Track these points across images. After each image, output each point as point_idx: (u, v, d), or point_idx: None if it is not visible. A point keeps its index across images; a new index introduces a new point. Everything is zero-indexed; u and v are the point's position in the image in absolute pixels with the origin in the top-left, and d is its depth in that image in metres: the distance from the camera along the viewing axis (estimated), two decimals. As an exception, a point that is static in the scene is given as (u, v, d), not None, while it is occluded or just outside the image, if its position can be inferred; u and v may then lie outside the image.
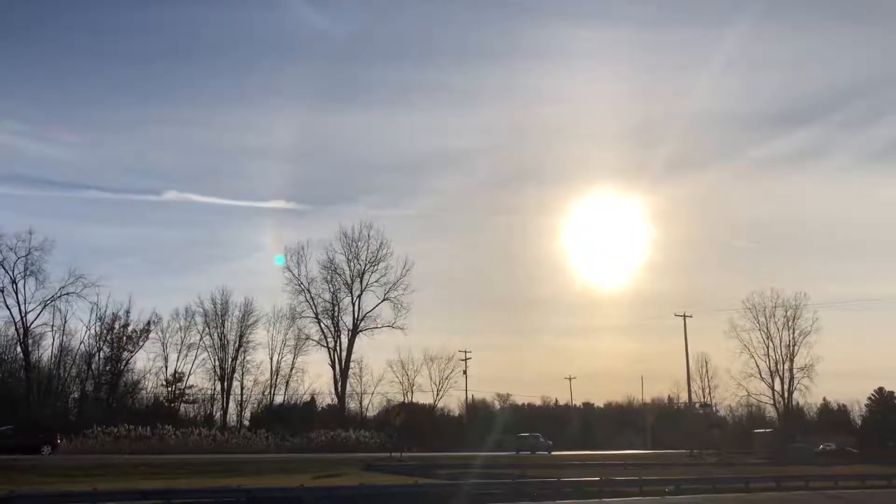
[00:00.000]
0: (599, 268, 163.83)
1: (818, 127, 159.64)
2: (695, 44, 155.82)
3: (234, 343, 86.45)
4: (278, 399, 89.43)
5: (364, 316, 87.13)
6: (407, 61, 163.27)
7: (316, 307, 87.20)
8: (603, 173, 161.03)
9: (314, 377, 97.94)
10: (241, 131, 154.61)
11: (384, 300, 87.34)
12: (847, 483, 43.37)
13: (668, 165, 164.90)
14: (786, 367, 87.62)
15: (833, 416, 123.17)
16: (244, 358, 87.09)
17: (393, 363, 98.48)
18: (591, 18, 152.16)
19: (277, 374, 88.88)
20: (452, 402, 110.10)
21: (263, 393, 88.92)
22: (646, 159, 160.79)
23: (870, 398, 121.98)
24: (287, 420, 78.68)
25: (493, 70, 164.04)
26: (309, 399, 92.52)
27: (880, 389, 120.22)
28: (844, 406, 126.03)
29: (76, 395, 79.96)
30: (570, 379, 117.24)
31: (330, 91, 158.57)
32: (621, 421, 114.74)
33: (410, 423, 72.97)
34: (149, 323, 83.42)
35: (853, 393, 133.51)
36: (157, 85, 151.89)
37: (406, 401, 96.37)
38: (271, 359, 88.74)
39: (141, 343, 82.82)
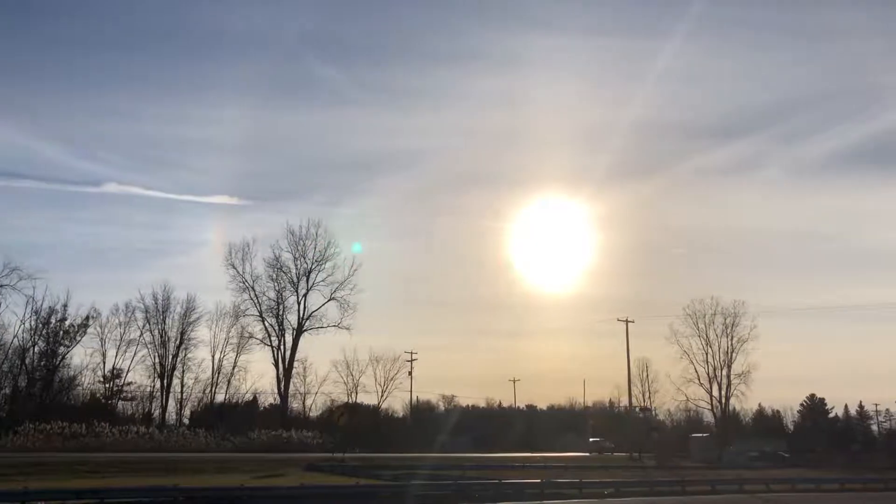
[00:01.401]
0: (545, 271, 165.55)
1: (755, 139, 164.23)
2: (636, 53, 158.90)
3: (176, 340, 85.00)
4: (219, 398, 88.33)
5: (309, 315, 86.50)
6: (356, 61, 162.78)
7: (260, 305, 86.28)
8: (549, 178, 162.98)
9: (257, 376, 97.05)
10: (186, 124, 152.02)
11: (330, 299, 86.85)
12: (779, 486, 44.59)
13: (612, 172, 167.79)
14: (723, 373, 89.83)
15: (767, 422, 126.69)
16: (185, 355, 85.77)
17: (338, 363, 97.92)
18: (538, 24, 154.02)
19: (219, 373, 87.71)
20: (397, 403, 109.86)
21: (204, 391, 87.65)
22: (590, 165, 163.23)
23: (802, 404, 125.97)
24: (228, 419, 77.57)
25: (441, 72, 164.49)
26: (251, 398, 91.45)
27: (812, 396, 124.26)
28: (778, 412, 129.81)
29: (7, 391, 77.44)
30: (513, 381, 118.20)
31: (278, 88, 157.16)
32: (563, 423, 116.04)
33: (354, 423, 72.69)
34: (87, 318, 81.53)
35: (787, 399, 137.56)
36: (98, 74, 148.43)
37: (350, 401, 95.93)
38: (213, 357, 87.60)
39: (78, 338, 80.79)
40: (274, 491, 31.25)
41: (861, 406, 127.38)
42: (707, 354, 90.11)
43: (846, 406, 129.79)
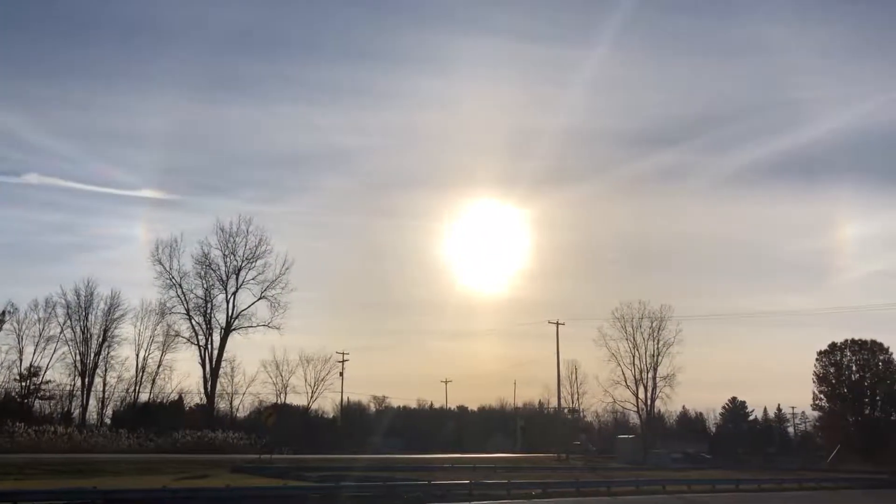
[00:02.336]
0: (479, 273, 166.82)
1: (681, 149, 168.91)
2: (566, 60, 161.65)
3: (98, 337, 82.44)
4: (143, 397, 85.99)
5: (238, 314, 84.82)
6: (291, 57, 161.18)
7: (187, 303, 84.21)
8: (483, 180, 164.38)
9: (183, 375, 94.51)
10: (113, 115, 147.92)
11: (261, 298, 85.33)
12: (700, 487, 45.77)
13: (544, 176, 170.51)
14: (649, 375, 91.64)
15: (691, 424, 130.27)
16: (108, 353, 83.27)
17: (267, 363, 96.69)
18: (472, 27, 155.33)
19: (143, 372, 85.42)
20: (327, 404, 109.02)
21: (127, 390, 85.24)
22: (523, 169, 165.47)
23: (723, 407, 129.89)
24: (152, 419, 75.42)
25: (378, 72, 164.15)
26: (176, 398, 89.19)
27: (733, 399, 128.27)
28: (701, 414, 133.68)
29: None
30: (445, 382, 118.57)
31: (210, 82, 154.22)
32: (494, 424, 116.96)
33: (283, 424, 71.53)
34: (3, 313, 78.48)
35: (709, 402, 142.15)
36: (22, 61, 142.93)
37: (279, 402, 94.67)
38: (137, 355, 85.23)
39: (-7, 334, 77.50)
40: (198, 493, 30.49)
41: (779, 409, 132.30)
42: (634, 357, 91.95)
43: (765, 409, 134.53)
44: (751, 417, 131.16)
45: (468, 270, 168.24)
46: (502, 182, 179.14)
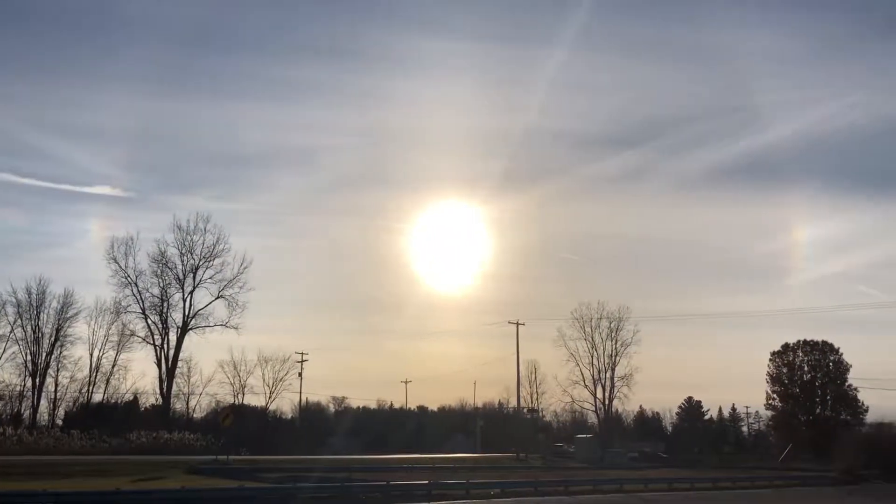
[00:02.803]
0: (440, 273, 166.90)
1: (642, 151, 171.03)
2: (527, 60, 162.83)
3: (50, 337, 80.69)
4: (97, 398, 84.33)
5: (195, 313, 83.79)
6: (253, 53, 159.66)
7: (143, 302, 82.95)
8: (445, 180, 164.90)
9: (138, 375, 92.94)
10: (68, 110, 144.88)
11: (218, 298, 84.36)
12: (656, 486, 46.41)
13: (506, 177, 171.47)
14: (607, 375, 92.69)
15: (648, 423, 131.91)
16: (60, 353, 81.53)
17: (224, 363, 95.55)
18: (435, 27, 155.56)
19: (97, 372, 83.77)
20: (286, 404, 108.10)
21: (80, 391, 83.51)
22: (485, 169, 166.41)
23: (680, 407, 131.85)
24: (106, 420, 74.03)
25: (341, 69, 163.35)
26: (131, 398, 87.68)
27: (689, 399, 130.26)
28: (658, 413, 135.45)
29: None
30: (405, 382, 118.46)
31: (169, 77, 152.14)
32: (454, 424, 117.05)
33: (240, 425, 70.76)
34: (-49, 311, 76.17)
35: (666, 402, 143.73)
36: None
37: (237, 402, 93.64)
38: (91, 355, 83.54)
39: (-62, 333, 75.39)
40: (152, 495, 30.05)
41: (734, 408, 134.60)
42: (592, 357, 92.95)
43: (720, 408, 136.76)
44: (706, 417, 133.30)
45: (430, 270, 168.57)
46: (465, 182, 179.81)
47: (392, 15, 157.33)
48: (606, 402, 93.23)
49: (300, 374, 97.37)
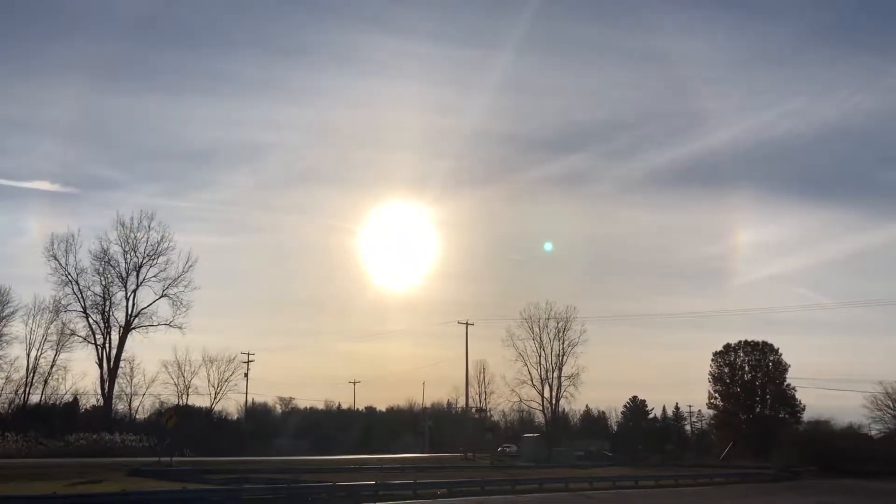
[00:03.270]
0: (390, 273, 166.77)
1: (586, 154, 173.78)
2: (476, 63, 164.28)
3: (-15, 336, 78.01)
4: (35, 399, 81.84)
5: (139, 312, 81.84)
6: (199, 48, 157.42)
7: (84, 300, 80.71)
8: (394, 180, 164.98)
9: (78, 376, 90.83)
10: (5, 102, 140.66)
11: (162, 296, 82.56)
12: (601, 484, 47.06)
13: (455, 177, 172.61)
14: (554, 375, 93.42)
15: (594, 422, 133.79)
16: (-5, 353, 78.78)
17: (168, 364, 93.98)
18: (385, 26, 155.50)
19: (35, 372, 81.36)
20: (231, 405, 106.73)
21: (17, 392, 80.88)
22: (434, 169, 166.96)
23: (625, 406, 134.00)
24: (44, 422, 72.03)
25: (288, 66, 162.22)
26: (71, 399, 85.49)
27: (634, 398, 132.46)
28: (604, 412, 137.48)
29: None
30: (354, 383, 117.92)
31: (111, 70, 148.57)
32: (402, 425, 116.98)
33: (184, 426, 69.55)
34: None
35: (612, 401, 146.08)
36: None
37: (181, 403, 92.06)
38: (28, 355, 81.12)
39: None
40: (91, 499, 29.36)
41: (677, 407, 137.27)
42: (540, 357, 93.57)
43: (664, 407, 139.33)
44: (651, 416, 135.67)
45: (379, 270, 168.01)
46: (414, 182, 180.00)
47: (342, 13, 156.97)
48: (553, 401, 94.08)
49: (246, 375, 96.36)
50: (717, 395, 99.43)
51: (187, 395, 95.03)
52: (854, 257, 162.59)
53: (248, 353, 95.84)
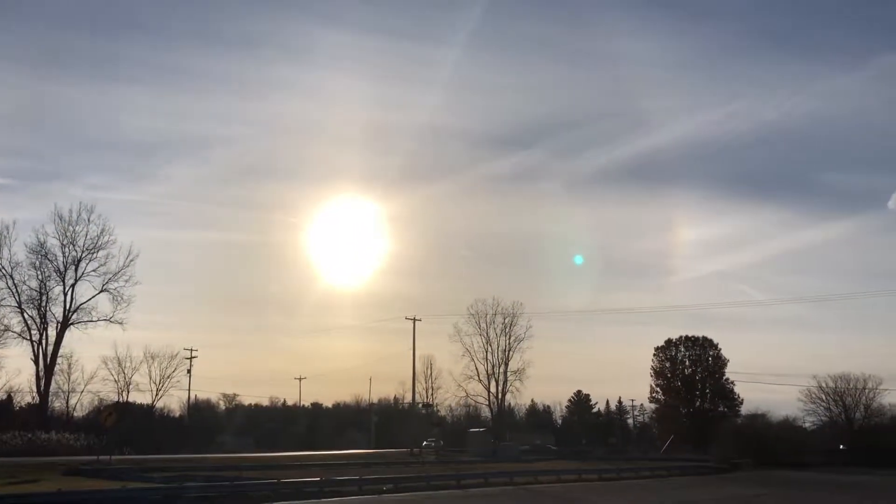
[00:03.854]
0: (338, 269, 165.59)
1: (535, 151, 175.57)
2: (425, 58, 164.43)
3: (-89, 332, 75.01)
4: (-35, 397, 79.17)
5: (77, 307, 79.56)
6: (141, 38, 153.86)
7: (19, 295, 78.08)
8: (343, 174, 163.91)
9: (13, 373, 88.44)
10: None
11: (102, 291, 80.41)
12: (545, 478, 47.58)
13: (403, 173, 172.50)
14: (501, 370, 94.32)
15: (539, 417, 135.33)
16: (-78, 350, 75.91)
17: (108, 360, 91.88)
18: (335, 19, 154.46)
19: (-34, 370, 78.56)
20: (174, 402, 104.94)
21: (-54, 390, 78.16)
22: (383, 165, 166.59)
23: (570, 400, 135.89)
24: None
25: (234, 58, 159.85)
26: (5, 397, 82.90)
27: (578, 392, 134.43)
28: (549, 407, 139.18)
29: None
30: (300, 379, 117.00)
31: (50, 58, 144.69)
32: (348, 421, 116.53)
33: (125, 424, 68.09)
34: None
35: (556, 395, 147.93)
36: None
37: (121, 400, 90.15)
38: (-40, 352, 78.20)
39: None
40: (26, 499, 28.50)
41: (620, 402, 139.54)
42: (487, 352, 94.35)
43: (608, 401, 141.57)
44: (594, 410, 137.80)
45: (327, 266, 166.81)
46: (363, 177, 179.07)
47: (289, 4, 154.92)
48: (499, 396, 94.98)
49: (189, 371, 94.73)
50: (658, 389, 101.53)
51: (128, 392, 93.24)
52: (791, 255, 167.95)
53: (192, 350, 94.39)
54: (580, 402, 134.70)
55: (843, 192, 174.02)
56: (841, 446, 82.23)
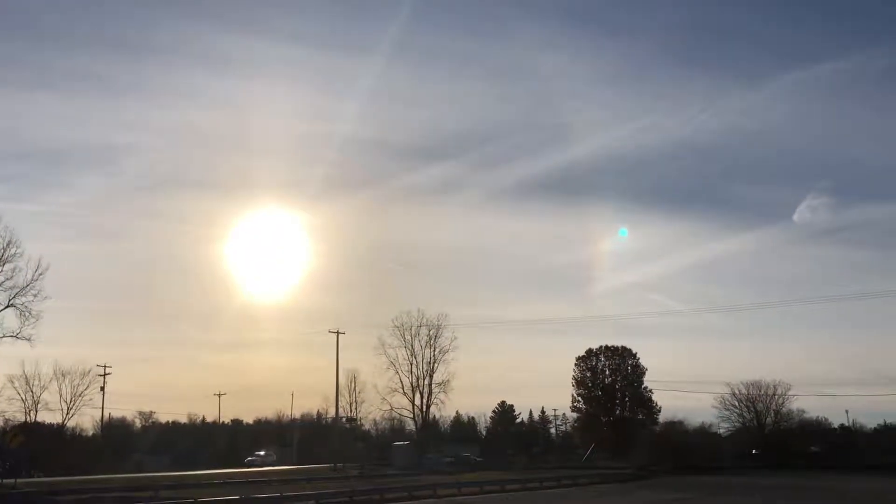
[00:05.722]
0: (259, 282, 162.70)
1: (457, 163, 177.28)
2: (348, 69, 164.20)
3: None
4: None
5: (-19, 324, 75.71)
6: (46, 42, 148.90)
7: (-83, 311, 73.89)
8: (264, 186, 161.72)
9: None
10: None
11: (8, 306, 76.54)
12: (469, 489, 47.77)
13: (327, 184, 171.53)
14: (425, 382, 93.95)
15: (464, 428, 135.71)
16: None
17: (14, 378, 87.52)
18: (254, 28, 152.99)
19: None
20: (87, 421, 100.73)
21: None
22: (305, 176, 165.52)
23: (494, 411, 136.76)
24: None
25: (148, 66, 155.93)
26: None
27: (502, 403, 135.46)
28: (473, 418, 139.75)
29: None
30: (219, 395, 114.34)
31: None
32: (270, 437, 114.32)
33: (32, 445, 65.04)
34: None
35: (481, 406, 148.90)
36: None
37: (29, 420, 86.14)
38: None
39: None
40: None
41: (543, 411, 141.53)
42: (412, 365, 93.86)
43: (531, 412, 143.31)
44: (518, 420, 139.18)
45: (247, 278, 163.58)
46: (284, 188, 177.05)
47: (205, 11, 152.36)
48: (424, 408, 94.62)
49: (102, 389, 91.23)
50: (580, 398, 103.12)
51: (36, 411, 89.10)
52: (703, 265, 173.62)
53: (105, 366, 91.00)
54: (504, 412, 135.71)
55: (751, 205, 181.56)
56: (753, 451, 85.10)
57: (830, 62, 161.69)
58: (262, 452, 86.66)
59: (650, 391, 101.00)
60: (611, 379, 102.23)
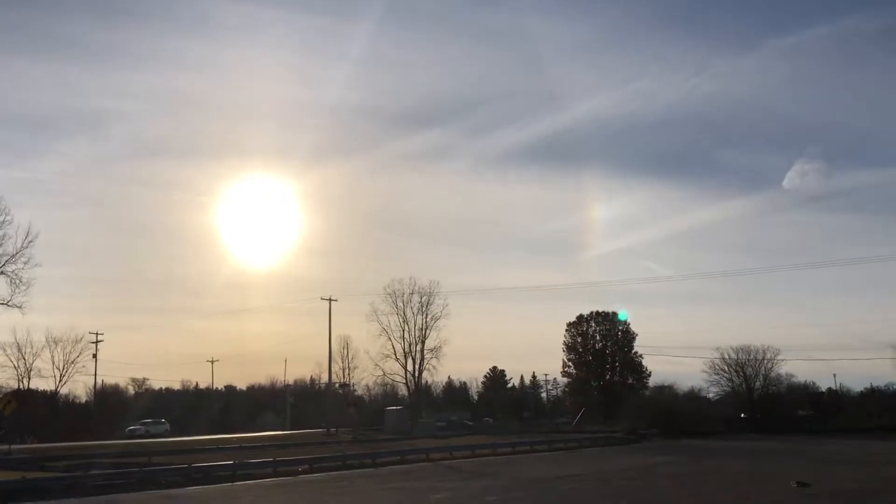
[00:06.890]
0: (250, 249, 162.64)
1: (445, 130, 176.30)
2: (337, 34, 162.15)
3: None
4: None
5: (-29, 291, 75.50)
6: (32, 7, 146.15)
7: None
8: (254, 152, 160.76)
9: None
10: None
11: (-1, 274, 76.58)
12: (461, 453, 48.24)
13: (316, 150, 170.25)
14: (418, 348, 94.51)
15: (456, 393, 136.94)
16: None
17: (6, 345, 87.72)
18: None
19: None
20: (79, 388, 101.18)
21: None
22: (295, 142, 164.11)
23: (485, 376, 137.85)
24: None
25: (136, 31, 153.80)
26: None
27: (494, 368, 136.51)
28: (465, 383, 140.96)
29: None
30: (212, 362, 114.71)
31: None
32: (263, 403, 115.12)
33: (25, 412, 65.37)
34: None
35: (473, 372, 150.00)
36: None
37: (22, 387, 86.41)
38: None
39: None
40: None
41: (534, 376, 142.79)
42: (404, 331, 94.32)
43: (522, 377, 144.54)
44: (509, 385, 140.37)
45: (238, 246, 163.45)
46: (275, 155, 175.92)
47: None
48: (416, 374, 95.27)
49: (94, 356, 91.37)
50: (570, 363, 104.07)
51: (29, 378, 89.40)
52: (694, 232, 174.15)
53: (97, 333, 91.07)
54: (495, 377, 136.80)
55: (742, 170, 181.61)
56: (742, 415, 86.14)
57: (823, 26, 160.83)
58: (148, 420, 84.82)
59: (640, 356, 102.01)
60: (601, 344, 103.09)
